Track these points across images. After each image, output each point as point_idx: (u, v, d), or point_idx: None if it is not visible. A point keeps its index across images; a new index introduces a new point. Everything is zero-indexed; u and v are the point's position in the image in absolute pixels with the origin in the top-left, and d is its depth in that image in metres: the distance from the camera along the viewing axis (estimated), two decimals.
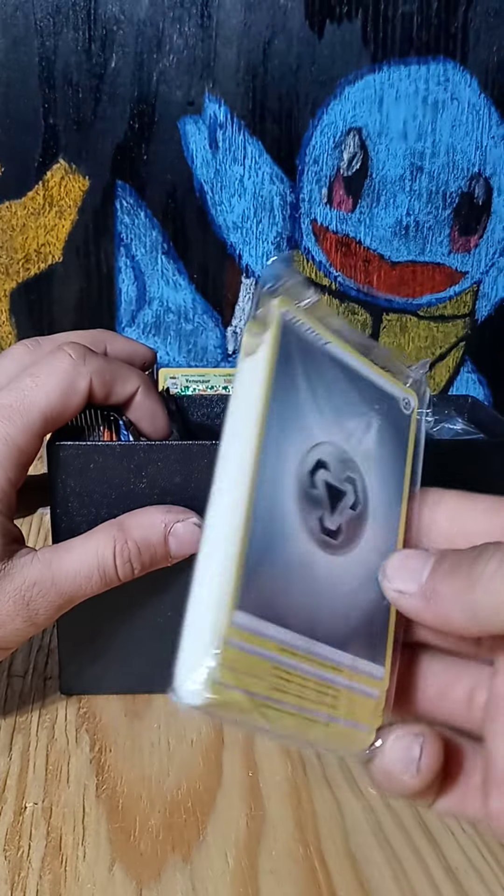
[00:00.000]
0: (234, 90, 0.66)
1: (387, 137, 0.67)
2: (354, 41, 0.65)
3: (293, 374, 0.24)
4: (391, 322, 0.72)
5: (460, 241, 0.71)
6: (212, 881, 0.29)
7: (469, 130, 0.67)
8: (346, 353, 0.26)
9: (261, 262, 0.70)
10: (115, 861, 0.30)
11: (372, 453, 0.26)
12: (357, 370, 0.26)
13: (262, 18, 0.64)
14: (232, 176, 0.68)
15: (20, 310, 0.71)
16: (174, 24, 0.64)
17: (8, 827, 0.31)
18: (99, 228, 0.69)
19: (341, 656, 0.24)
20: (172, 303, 0.71)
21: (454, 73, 0.66)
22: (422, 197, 0.69)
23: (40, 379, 0.33)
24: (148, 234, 0.69)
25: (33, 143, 0.66)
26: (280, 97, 0.66)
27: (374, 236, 0.70)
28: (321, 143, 0.67)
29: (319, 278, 0.71)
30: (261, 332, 0.24)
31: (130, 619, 0.37)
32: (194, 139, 0.67)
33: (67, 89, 0.65)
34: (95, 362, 0.34)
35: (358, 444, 0.26)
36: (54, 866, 0.30)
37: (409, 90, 0.66)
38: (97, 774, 0.34)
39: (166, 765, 0.35)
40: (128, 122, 0.66)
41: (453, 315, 0.73)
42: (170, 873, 0.30)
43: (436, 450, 0.36)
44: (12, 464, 0.33)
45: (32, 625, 0.33)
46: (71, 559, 0.33)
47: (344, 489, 0.25)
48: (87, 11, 0.63)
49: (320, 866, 0.30)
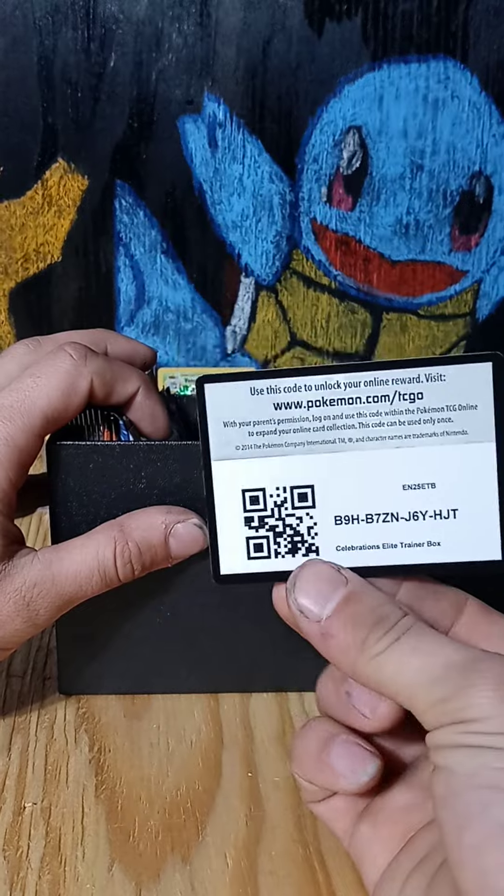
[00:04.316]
0: (233, 89, 0.66)
1: (387, 136, 0.67)
2: (354, 39, 0.65)
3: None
4: (391, 321, 0.72)
5: (461, 239, 0.70)
6: (211, 882, 0.29)
7: (469, 129, 0.67)
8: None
9: (260, 261, 0.70)
10: (114, 861, 0.30)
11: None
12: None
13: (262, 17, 0.64)
14: (231, 175, 0.68)
15: (19, 309, 0.70)
16: (173, 23, 0.64)
17: (7, 827, 0.31)
18: (98, 228, 0.69)
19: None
20: (171, 302, 0.71)
21: (454, 72, 0.66)
22: (422, 195, 0.69)
23: (41, 379, 0.33)
24: (147, 233, 0.69)
25: (32, 142, 0.66)
26: (279, 96, 0.66)
27: (374, 235, 0.70)
28: (321, 141, 0.67)
29: (319, 277, 0.71)
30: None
31: (130, 619, 0.37)
32: (193, 138, 0.67)
33: (66, 88, 0.65)
34: (96, 362, 0.34)
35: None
36: (53, 866, 0.30)
37: (409, 88, 0.66)
38: (96, 775, 0.34)
39: (165, 765, 0.35)
40: (127, 122, 0.66)
41: (454, 314, 0.73)
42: (169, 874, 0.30)
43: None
44: (13, 464, 0.33)
45: (32, 625, 0.33)
46: (71, 560, 0.33)
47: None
48: (85, 11, 0.63)
49: (320, 867, 0.30)
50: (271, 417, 0.26)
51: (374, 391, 0.26)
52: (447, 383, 0.25)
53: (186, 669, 0.38)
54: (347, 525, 0.26)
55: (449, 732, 0.22)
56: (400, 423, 0.26)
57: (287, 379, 0.26)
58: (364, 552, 0.26)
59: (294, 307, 0.72)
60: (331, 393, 0.26)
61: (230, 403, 0.26)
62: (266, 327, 0.72)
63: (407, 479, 0.26)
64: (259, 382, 0.26)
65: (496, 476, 0.26)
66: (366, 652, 0.24)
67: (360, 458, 0.26)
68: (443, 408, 0.25)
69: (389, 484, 0.26)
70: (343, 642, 0.24)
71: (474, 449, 0.25)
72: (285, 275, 0.71)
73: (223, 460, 0.26)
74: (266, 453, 0.26)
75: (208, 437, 0.26)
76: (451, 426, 0.26)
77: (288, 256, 0.70)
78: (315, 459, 0.26)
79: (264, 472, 0.26)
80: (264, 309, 0.72)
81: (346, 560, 0.26)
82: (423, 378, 0.25)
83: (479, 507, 0.26)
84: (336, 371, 0.26)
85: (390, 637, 0.24)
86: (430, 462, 0.26)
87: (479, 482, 0.26)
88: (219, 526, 0.27)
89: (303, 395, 0.26)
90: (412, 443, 0.26)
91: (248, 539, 0.27)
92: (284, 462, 0.26)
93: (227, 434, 0.26)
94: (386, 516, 0.26)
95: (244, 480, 0.27)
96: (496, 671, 0.22)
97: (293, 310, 0.72)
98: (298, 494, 0.26)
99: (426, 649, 0.23)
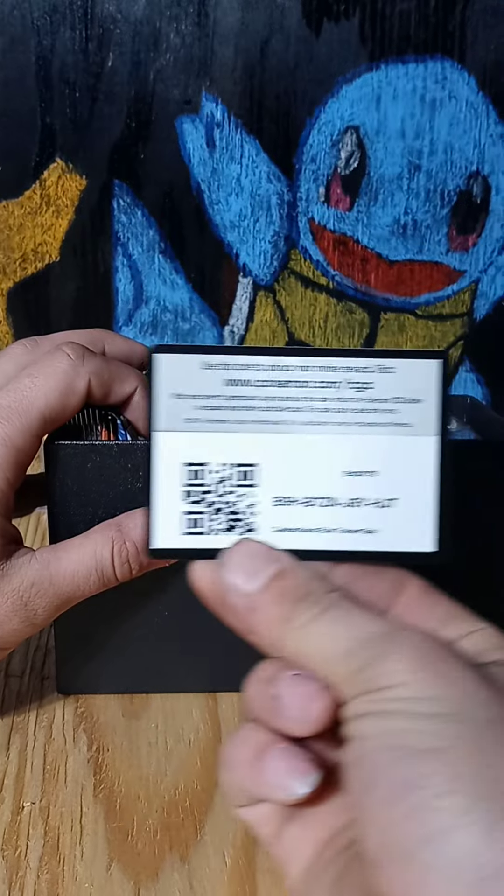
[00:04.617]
0: (231, 89, 0.66)
1: (384, 136, 0.67)
2: (352, 39, 0.65)
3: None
4: (389, 321, 0.72)
5: (458, 239, 0.71)
6: (209, 880, 0.29)
7: (467, 129, 0.67)
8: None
9: (258, 261, 0.70)
10: (112, 860, 0.30)
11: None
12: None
13: (259, 17, 0.64)
14: (229, 175, 0.68)
15: (17, 309, 0.70)
16: (171, 23, 0.64)
17: (6, 826, 0.31)
18: (96, 227, 0.69)
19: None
20: (169, 302, 0.71)
21: (452, 72, 0.66)
22: (420, 195, 0.69)
23: (39, 379, 0.33)
24: (145, 233, 0.69)
25: (30, 142, 0.66)
26: (277, 96, 0.66)
27: (371, 235, 0.70)
28: (318, 141, 0.67)
29: (317, 277, 0.71)
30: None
31: (128, 618, 0.37)
32: (191, 138, 0.67)
33: (64, 88, 0.65)
34: (94, 362, 0.34)
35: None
36: (52, 866, 0.30)
37: (407, 88, 0.66)
38: (95, 774, 0.34)
39: (164, 764, 0.35)
40: (125, 121, 0.66)
41: (451, 314, 0.73)
42: (167, 873, 0.30)
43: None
44: (11, 464, 0.33)
45: (30, 625, 0.33)
46: (69, 559, 0.33)
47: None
48: (83, 10, 0.63)
49: None
50: (221, 393, 0.26)
51: (325, 377, 0.26)
52: (396, 376, 0.26)
53: (185, 669, 0.39)
54: (286, 506, 0.26)
55: (363, 701, 0.22)
56: (348, 411, 0.26)
57: (241, 356, 0.26)
58: (301, 535, 0.26)
59: (292, 307, 0.72)
60: (283, 374, 0.26)
61: (182, 375, 0.26)
62: (264, 327, 0.72)
63: (349, 465, 0.26)
64: (213, 357, 0.26)
65: (436, 469, 0.26)
66: (290, 624, 0.24)
67: (305, 442, 0.26)
68: (390, 399, 0.26)
69: (332, 469, 0.26)
70: (269, 615, 0.24)
71: (417, 442, 0.26)
72: (283, 275, 0.71)
73: (168, 431, 0.26)
74: (213, 428, 0.26)
75: (156, 406, 0.26)
76: (397, 418, 0.26)
77: (286, 256, 0.70)
78: (261, 438, 0.26)
79: (209, 447, 0.26)
80: (262, 309, 0.72)
81: (282, 541, 0.26)
82: (374, 369, 0.26)
83: (417, 498, 0.26)
84: (290, 353, 0.26)
85: (315, 610, 0.24)
86: (374, 451, 0.26)
87: (419, 474, 0.26)
88: (156, 498, 0.26)
89: (255, 373, 0.26)
90: (358, 430, 0.26)
91: (185, 514, 0.27)
92: (230, 438, 0.26)
93: (175, 405, 0.26)
94: (325, 501, 0.26)
95: (187, 454, 0.26)
96: (413, 641, 0.22)
97: (291, 310, 0.72)
98: (241, 472, 0.26)
99: (347, 622, 0.23)
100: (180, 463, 0.26)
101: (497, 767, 0.19)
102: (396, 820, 0.20)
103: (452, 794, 0.19)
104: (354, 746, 0.22)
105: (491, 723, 0.21)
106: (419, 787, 0.20)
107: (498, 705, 0.21)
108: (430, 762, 0.20)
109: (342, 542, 0.26)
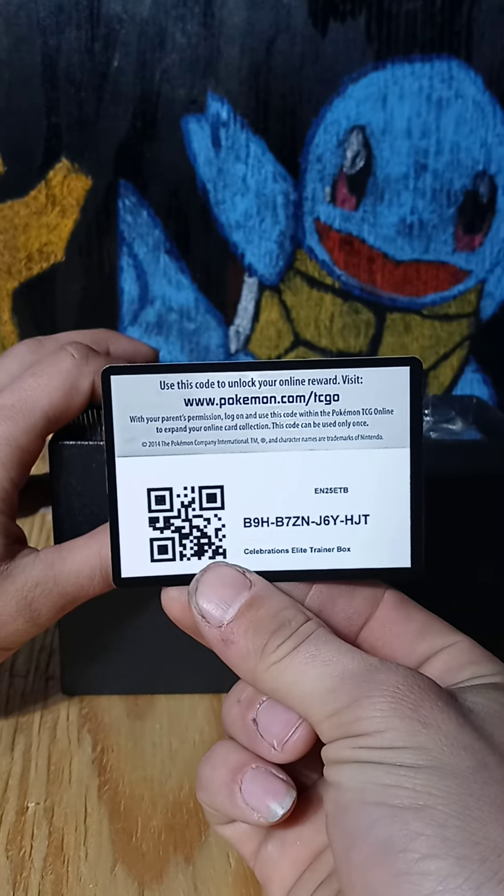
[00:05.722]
0: (236, 88, 0.66)
1: (391, 135, 0.67)
2: (358, 39, 0.65)
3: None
4: (395, 321, 0.72)
5: (465, 239, 0.70)
6: (214, 882, 0.29)
7: (474, 128, 0.67)
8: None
9: (263, 260, 0.70)
10: (117, 861, 0.30)
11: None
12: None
13: (265, 16, 0.64)
14: (235, 174, 0.68)
15: (22, 309, 0.70)
16: (177, 23, 0.64)
17: (10, 827, 0.31)
18: (101, 227, 0.69)
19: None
20: (175, 302, 0.71)
21: (458, 71, 0.66)
22: (426, 195, 0.69)
23: (43, 379, 0.33)
24: (150, 232, 0.69)
25: (35, 142, 0.66)
26: (283, 95, 0.66)
27: (377, 235, 0.70)
28: (324, 141, 0.67)
29: (323, 277, 0.71)
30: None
31: (133, 619, 0.37)
32: (197, 138, 0.67)
33: (70, 88, 0.65)
34: (98, 362, 0.34)
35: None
36: (56, 866, 0.30)
37: (413, 88, 0.66)
38: (99, 775, 0.34)
39: (168, 766, 0.35)
40: (130, 121, 0.66)
41: (458, 314, 0.73)
42: (172, 874, 0.30)
43: (435, 452, 0.36)
44: (14, 464, 0.33)
45: (34, 625, 0.33)
46: (73, 560, 0.33)
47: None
48: (89, 10, 0.63)
49: None
50: (181, 414, 0.25)
51: (290, 391, 0.25)
52: (364, 386, 0.25)
53: (189, 669, 0.38)
54: (257, 528, 0.26)
55: (341, 746, 0.21)
56: (314, 425, 0.25)
57: (200, 374, 0.25)
58: (273, 556, 0.26)
59: (297, 307, 0.72)
60: (245, 391, 0.25)
61: (138, 397, 0.25)
62: (269, 327, 0.72)
63: (319, 482, 0.25)
64: (170, 376, 0.25)
65: (409, 482, 0.25)
66: (265, 659, 0.23)
67: (272, 460, 0.25)
68: (359, 411, 0.25)
69: (301, 487, 0.25)
70: (243, 648, 0.23)
71: (388, 454, 0.25)
72: (289, 274, 0.71)
73: (128, 457, 0.25)
74: (175, 451, 0.25)
75: (113, 431, 0.25)
76: (367, 430, 0.25)
77: (291, 256, 0.70)
78: (226, 459, 0.25)
79: (172, 471, 0.25)
80: (268, 309, 0.72)
81: (254, 563, 0.25)
82: (340, 380, 0.25)
83: (391, 513, 0.25)
84: (251, 368, 0.25)
85: (289, 644, 0.23)
86: (344, 466, 0.25)
87: (391, 488, 0.25)
88: (121, 526, 0.26)
89: (216, 391, 0.25)
90: (326, 445, 0.25)
91: (153, 541, 0.26)
92: (193, 461, 0.25)
93: (133, 429, 0.25)
94: (296, 520, 0.25)
95: (150, 479, 0.25)
96: (391, 682, 0.21)
97: (297, 310, 0.72)
98: (207, 495, 0.25)
99: (324, 658, 0.23)
100: (144, 489, 0.25)
101: (482, 823, 0.19)
102: (380, 884, 0.19)
103: (437, 858, 0.19)
104: (333, 796, 0.21)
105: (473, 771, 0.20)
106: (402, 851, 0.19)
107: (481, 750, 0.20)
108: (414, 822, 0.19)
109: (316, 561, 0.26)
